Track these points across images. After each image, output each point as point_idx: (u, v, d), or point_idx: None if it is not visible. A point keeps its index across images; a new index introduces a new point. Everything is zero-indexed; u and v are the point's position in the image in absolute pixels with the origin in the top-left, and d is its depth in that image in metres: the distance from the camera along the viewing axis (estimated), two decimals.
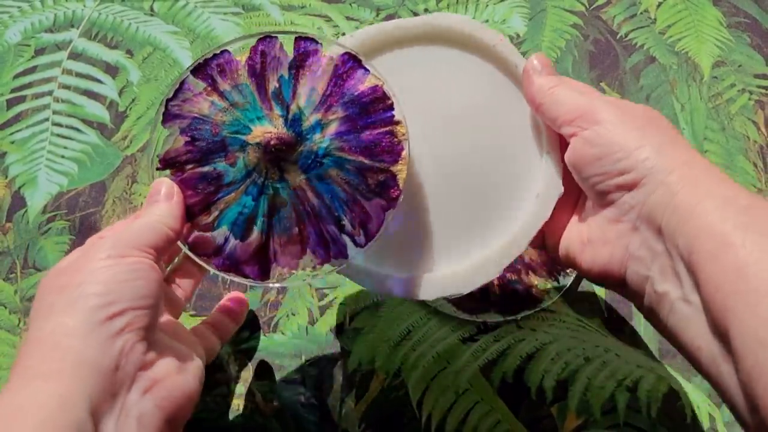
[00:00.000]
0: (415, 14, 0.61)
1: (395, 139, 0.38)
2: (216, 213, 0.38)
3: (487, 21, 0.61)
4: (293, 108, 0.39)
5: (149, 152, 0.39)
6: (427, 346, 0.46)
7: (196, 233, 0.37)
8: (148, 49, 0.60)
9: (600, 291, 0.48)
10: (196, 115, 0.39)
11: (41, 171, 0.55)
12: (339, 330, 0.48)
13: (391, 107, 0.39)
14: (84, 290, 0.30)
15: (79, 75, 0.59)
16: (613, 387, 0.44)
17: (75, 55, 0.60)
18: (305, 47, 0.39)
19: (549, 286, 0.47)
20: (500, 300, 0.46)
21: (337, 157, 0.38)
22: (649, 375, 0.44)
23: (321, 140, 0.38)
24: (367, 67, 0.39)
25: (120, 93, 0.58)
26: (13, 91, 0.59)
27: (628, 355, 0.45)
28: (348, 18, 0.61)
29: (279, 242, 0.38)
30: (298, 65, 0.39)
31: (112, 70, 0.59)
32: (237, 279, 0.38)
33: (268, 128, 0.38)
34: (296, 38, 0.39)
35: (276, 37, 0.39)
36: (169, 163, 0.38)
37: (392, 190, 0.38)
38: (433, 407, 0.44)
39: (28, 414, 0.27)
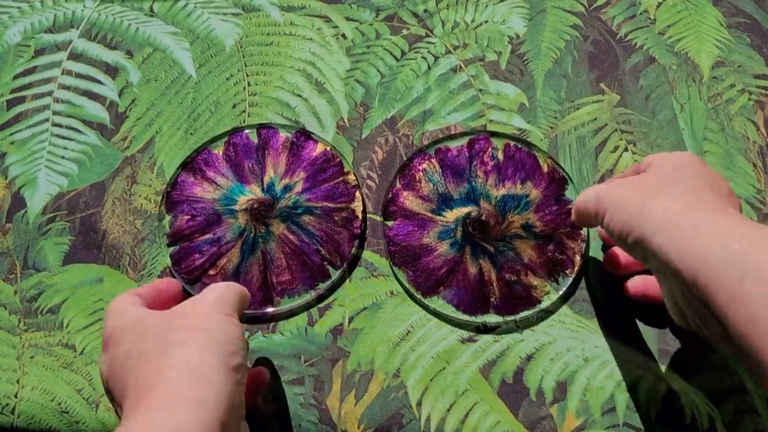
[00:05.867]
0: (415, 15, 0.61)
1: (348, 185, 0.51)
2: (220, 266, 0.48)
3: (486, 21, 0.61)
4: (266, 179, 0.51)
5: (160, 233, 0.50)
6: (427, 347, 0.46)
7: (207, 284, 0.44)
8: (148, 49, 0.60)
9: (599, 292, 0.48)
10: (192, 197, 0.50)
11: (41, 171, 0.55)
12: (338, 331, 0.48)
13: (340, 163, 0.51)
14: (214, 336, 0.34)
15: (78, 76, 0.59)
16: (613, 387, 0.44)
17: (75, 56, 0.60)
18: (266, 134, 0.53)
19: (548, 286, 0.47)
20: (500, 300, 0.46)
21: (307, 206, 0.50)
22: (649, 375, 0.44)
23: (292, 197, 0.50)
24: (316, 138, 0.52)
25: (120, 94, 0.58)
26: (13, 91, 0.59)
27: (627, 355, 0.45)
28: (348, 18, 0.61)
29: (275, 276, 0.48)
30: (263, 147, 0.52)
31: (111, 70, 0.59)
32: (246, 311, 0.45)
33: (250, 197, 0.50)
34: (258, 128, 0.53)
35: (243, 130, 0.53)
36: (176, 237, 0.49)
37: (355, 222, 0.49)
38: (432, 407, 0.44)
39: None
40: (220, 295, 0.37)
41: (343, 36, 0.60)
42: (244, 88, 0.58)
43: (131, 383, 0.33)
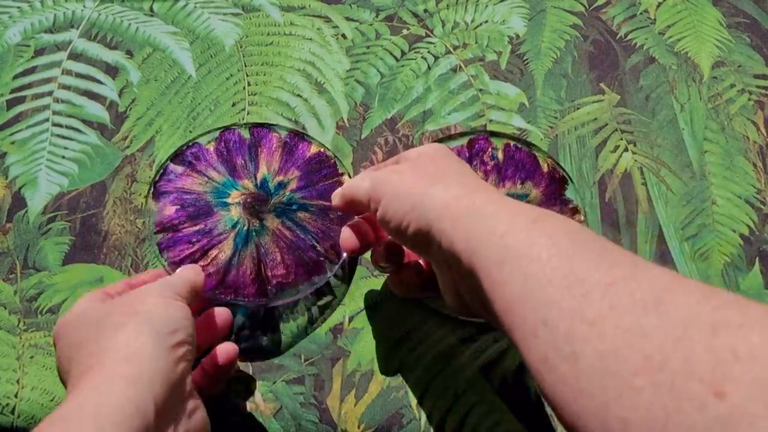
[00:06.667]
0: (415, 15, 0.61)
1: None
2: (212, 257, 0.47)
3: (486, 21, 0.61)
4: (259, 175, 0.51)
5: (147, 223, 0.49)
6: (427, 346, 0.46)
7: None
8: (148, 49, 0.60)
9: None
10: (181, 188, 0.50)
11: (41, 171, 0.55)
12: (338, 330, 0.48)
13: (334, 165, 0.51)
14: (152, 317, 0.35)
15: (78, 75, 0.59)
16: None
17: (75, 56, 0.60)
18: (258, 132, 0.53)
19: None
20: None
21: (302, 203, 0.50)
22: None
23: (286, 194, 0.50)
24: (309, 140, 0.52)
25: (120, 93, 0.58)
26: (13, 91, 0.59)
27: None
28: (348, 18, 0.61)
29: (270, 270, 0.47)
30: (256, 145, 0.52)
31: (111, 70, 0.59)
32: (239, 302, 0.46)
33: (243, 191, 0.50)
34: (250, 127, 0.53)
35: (235, 128, 0.53)
36: (164, 227, 0.48)
37: (350, 220, 0.46)
38: (432, 407, 0.44)
39: (108, 413, 0.30)
40: (164, 281, 0.38)
41: (343, 36, 0.60)
42: (244, 88, 0.58)
43: (72, 371, 0.34)
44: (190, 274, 0.41)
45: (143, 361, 0.32)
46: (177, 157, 0.51)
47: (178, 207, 0.49)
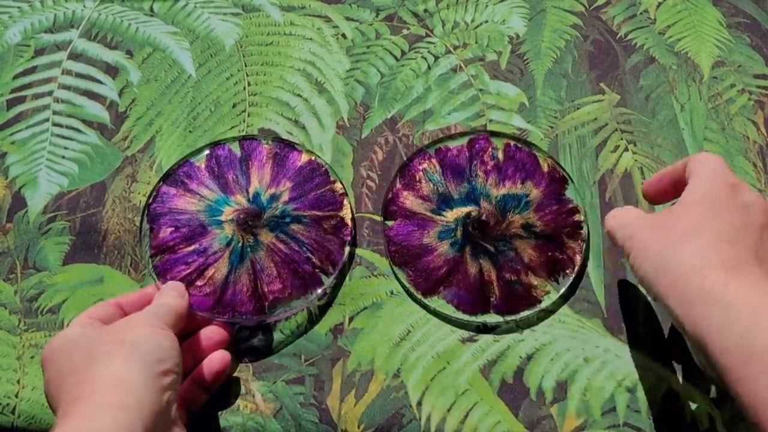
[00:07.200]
0: (415, 15, 0.61)
1: (336, 194, 0.50)
2: (208, 276, 0.47)
3: (486, 21, 0.61)
4: (251, 189, 0.51)
5: (143, 246, 0.49)
6: (427, 347, 0.46)
7: (195, 295, 0.46)
8: (148, 49, 0.60)
9: (599, 292, 0.48)
10: (175, 209, 0.50)
11: (41, 171, 0.55)
12: (338, 330, 0.48)
13: (326, 172, 0.51)
14: (140, 346, 0.36)
15: (79, 75, 0.59)
16: (613, 387, 0.44)
17: (75, 56, 0.60)
18: (248, 146, 0.52)
19: (549, 286, 0.47)
20: (500, 300, 0.46)
21: (295, 215, 0.49)
22: (649, 375, 0.44)
23: (279, 206, 0.50)
24: (300, 149, 0.52)
25: (120, 93, 0.58)
26: (13, 91, 0.59)
27: (627, 355, 0.45)
28: (348, 18, 0.61)
29: (266, 285, 0.47)
30: (246, 159, 0.52)
31: (111, 70, 0.59)
32: (236, 321, 0.46)
33: (236, 207, 0.50)
34: (240, 140, 0.53)
35: (224, 143, 0.52)
36: (160, 249, 0.48)
37: (344, 230, 0.49)
38: (432, 407, 0.44)
39: None
40: (152, 312, 0.40)
41: (343, 36, 0.60)
42: (244, 88, 0.58)
43: (62, 398, 0.35)
44: (173, 300, 0.42)
45: (131, 389, 0.34)
46: (169, 177, 0.51)
47: (173, 228, 0.49)
